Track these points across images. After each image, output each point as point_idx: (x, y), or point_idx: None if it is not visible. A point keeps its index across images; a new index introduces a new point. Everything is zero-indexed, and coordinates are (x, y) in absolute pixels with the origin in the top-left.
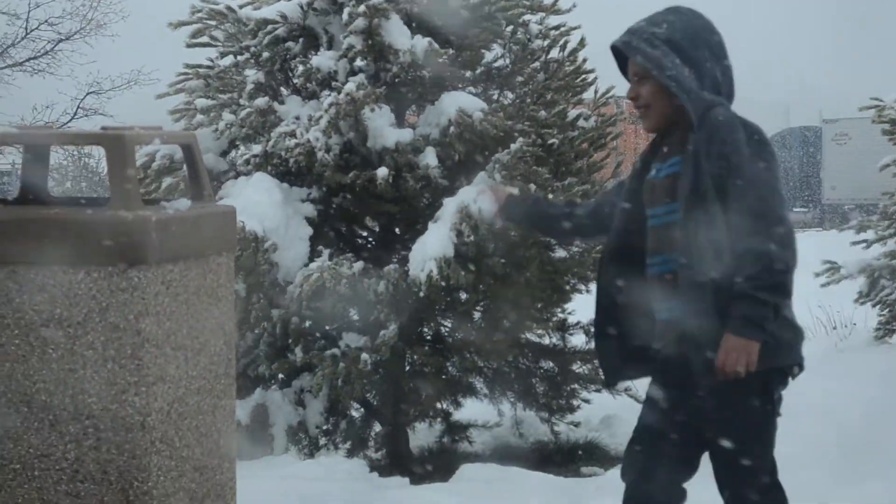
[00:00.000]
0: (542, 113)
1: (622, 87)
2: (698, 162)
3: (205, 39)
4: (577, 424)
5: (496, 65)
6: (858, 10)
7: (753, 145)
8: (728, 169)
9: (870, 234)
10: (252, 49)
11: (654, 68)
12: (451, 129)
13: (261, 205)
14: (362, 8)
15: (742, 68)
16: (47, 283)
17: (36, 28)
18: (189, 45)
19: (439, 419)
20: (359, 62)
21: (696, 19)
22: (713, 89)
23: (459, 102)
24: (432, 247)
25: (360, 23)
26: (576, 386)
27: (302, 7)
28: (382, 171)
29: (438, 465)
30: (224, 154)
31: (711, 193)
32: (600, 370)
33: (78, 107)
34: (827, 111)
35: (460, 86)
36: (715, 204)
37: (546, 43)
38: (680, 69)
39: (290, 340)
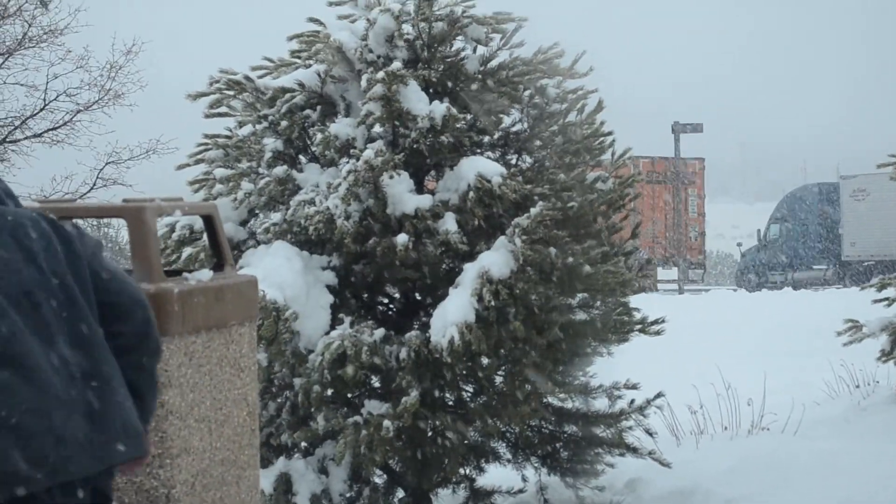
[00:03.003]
0: (561, 176)
1: (639, 148)
2: None
3: (223, 109)
4: (601, 489)
5: (514, 129)
6: (877, 67)
7: None
8: None
9: (891, 292)
10: (270, 118)
11: None
12: (471, 194)
13: (281, 273)
14: (380, 74)
15: (760, 126)
16: None
17: (54, 99)
18: (207, 116)
19: (463, 485)
20: (377, 129)
21: None
22: None
23: (478, 167)
24: (453, 312)
25: (378, 89)
26: (600, 450)
27: (319, 75)
28: (402, 238)
29: None
30: (244, 223)
31: None
32: None
33: (97, 177)
34: (844, 167)
35: (479, 150)
36: None
37: (564, 106)
38: None
39: (312, 409)
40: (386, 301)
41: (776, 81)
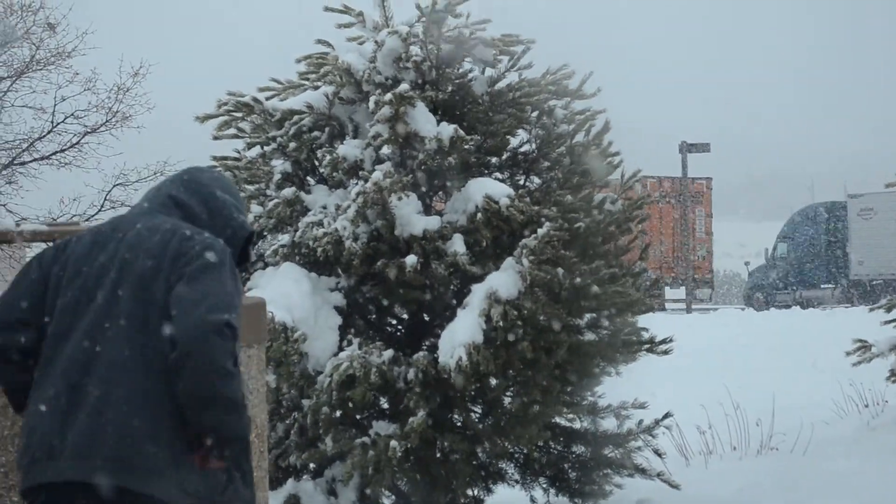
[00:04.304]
0: (569, 197)
1: (646, 167)
2: None
3: (231, 131)
4: None
5: (522, 150)
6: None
7: None
8: None
9: None
10: (279, 139)
11: None
12: (479, 215)
13: (289, 295)
14: (388, 96)
15: (767, 144)
16: None
17: (62, 122)
18: (216, 138)
19: None
20: (385, 150)
21: None
22: None
23: (486, 188)
24: (461, 333)
25: (386, 111)
26: (608, 471)
27: (328, 97)
28: (411, 259)
29: None
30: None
31: None
32: None
33: (105, 199)
34: (851, 186)
35: (486, 171)
36: None
37: (571, 127)
38: None
39: (320, 430)
40: (394, 322)
41: (783, 99)
